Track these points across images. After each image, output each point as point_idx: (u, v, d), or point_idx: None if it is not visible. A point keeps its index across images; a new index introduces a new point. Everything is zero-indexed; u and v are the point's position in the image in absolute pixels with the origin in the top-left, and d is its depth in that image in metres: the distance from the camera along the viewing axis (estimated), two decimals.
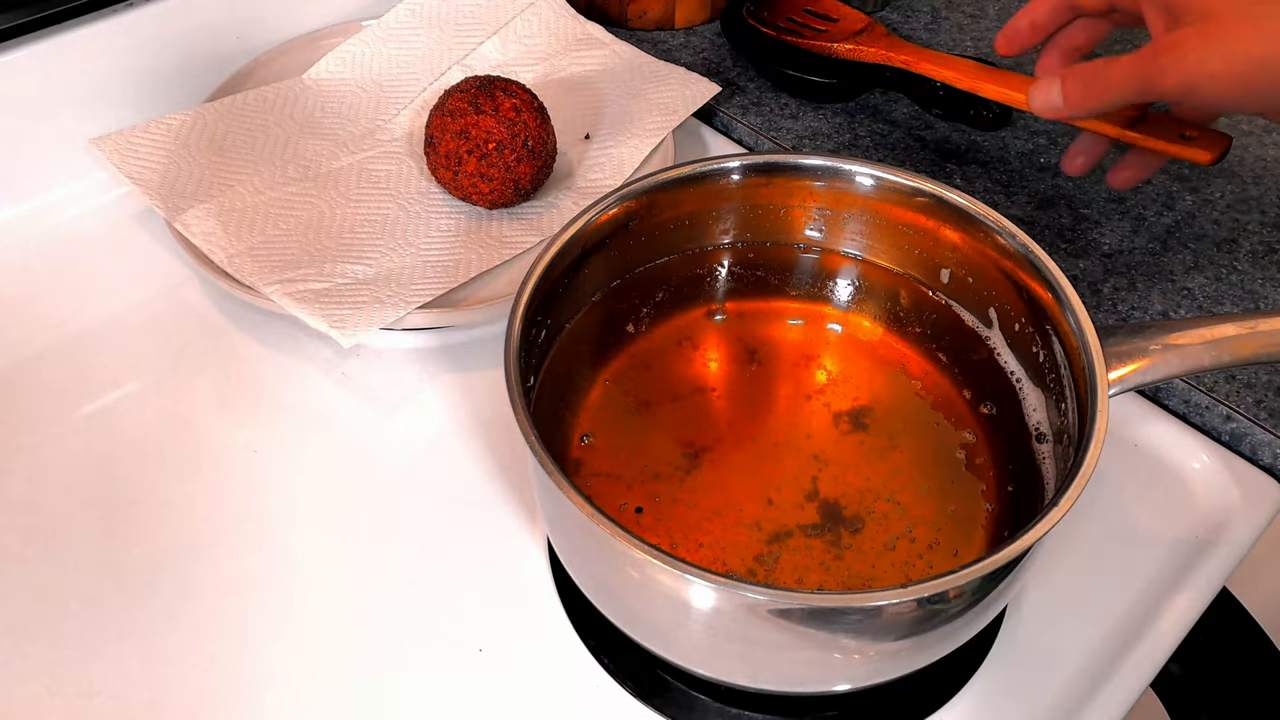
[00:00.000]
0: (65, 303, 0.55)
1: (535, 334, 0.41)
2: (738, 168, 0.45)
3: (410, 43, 0.67)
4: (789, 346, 0.47)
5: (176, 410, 0.51)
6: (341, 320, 0.49)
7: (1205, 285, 0.56)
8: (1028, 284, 0.41)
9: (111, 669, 0.42)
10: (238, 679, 0.42)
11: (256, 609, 0.44)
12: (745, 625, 0.34)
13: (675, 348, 0.46)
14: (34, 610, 0.43)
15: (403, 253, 0.55)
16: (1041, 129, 0.66)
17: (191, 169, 0.58)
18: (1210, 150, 0.50)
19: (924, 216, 0.44)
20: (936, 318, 0.46)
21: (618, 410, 0.44)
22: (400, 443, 0.50)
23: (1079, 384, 0.38)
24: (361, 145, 0.61)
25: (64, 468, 0.48)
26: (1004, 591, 0.36)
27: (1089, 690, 0.42)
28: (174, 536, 0.46)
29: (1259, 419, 0.49)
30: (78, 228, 0.59)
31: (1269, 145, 0.65)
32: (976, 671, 0.43)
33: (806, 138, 0.65)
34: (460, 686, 0.42)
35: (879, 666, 0.37)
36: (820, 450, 0.43)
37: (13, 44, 0.57)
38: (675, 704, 0.41)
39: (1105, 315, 0.55)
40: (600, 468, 0.42)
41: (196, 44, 0.64)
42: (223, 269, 0.53)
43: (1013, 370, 0.43)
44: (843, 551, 0.40)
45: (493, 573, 0.45)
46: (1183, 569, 0.46)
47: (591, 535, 0.34)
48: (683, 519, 0.41)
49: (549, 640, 0.43)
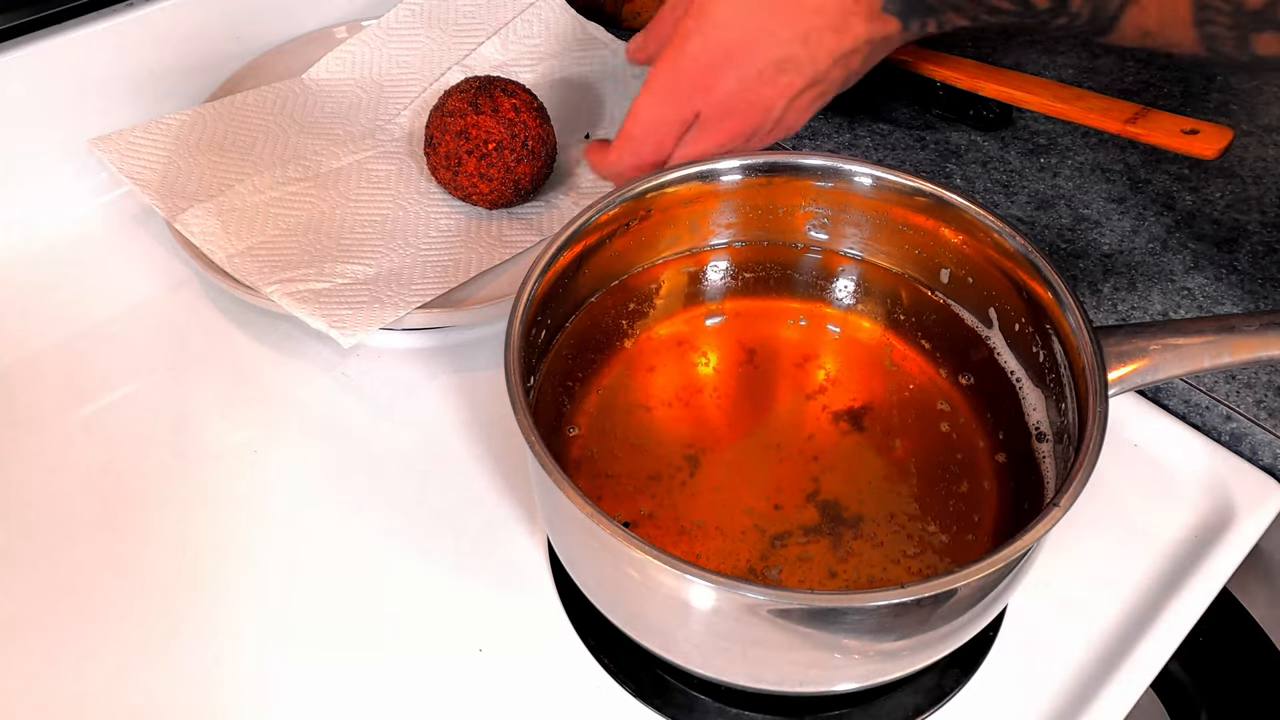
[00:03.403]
0: (65, 303, 0.55)
1: (535, 334, 0.41)
2: (738, 168, 0.45)
3: (410, 43, 0.67)
4: (789, 347, 0.47)
5: (176, 410, 0.51)
6: (341, 320, 0.49)
7: (1205, 285, 0.56)
8: (1028, 284, 0.41)
9: (111, 669, 0.42)
10: (238, 679, 0.42)
11: (256, 609, 0.44)
12: (745, 625, 0.34)
13: (675, 348, 0.46)
14: (33, 610, 0.43)
15: (403, 253, 0.55)
16: (1041, 129, 0.66)
17: (191, 169, 0.58)
18: (1213, 145, 0.50)
19: (924, 216, 0.44)
20: (936, 318, 0.46)
21: (618, 410, 0.44)
22: (400, 443, 0.50)
23: (1079, 384, 0.38)
24: (361, 145, 0.61)
25: (64, 467, 0.48)
26: (1004, 591, 0.36)
27: (1089, 690, 0.42)
28: (174, 536, 0.46)
29: (1259, 419, 0.49)
30: (78, 228, 0.59)
31: (1269, 145, 0.65)
32: (976, 671, 0.43)
33: (806, 138, 0.65)
34: (460, 686, 0.42)
35: (879, 666, 0.37)
36: (820, 451, 0.43)
37: (13, 44, 0.57)
38: (675, 704, 0.41)
39: (1105, 315, 0.55)
40: (600, 468, 0.42)
41: (196, 44, 0.64)
42: (223, 269, 0.53)
43: (1013, 370, 0.43)
44: (843, 552, 0.40)
45: (493, 573, 0.45)
46: (1183, 569, 0.46)
47: (591, 535, 0.34)
48: (683, 519, 0.41)
49: (549, 640, 0.43)
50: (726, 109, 0.45)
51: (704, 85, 0.44)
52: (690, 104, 0.45)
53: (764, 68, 0.44)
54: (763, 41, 0.44)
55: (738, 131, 0.46)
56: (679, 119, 0.45)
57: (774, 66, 0.44)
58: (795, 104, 0.46)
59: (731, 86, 0.44)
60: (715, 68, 0.44)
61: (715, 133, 0.46)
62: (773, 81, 0.45)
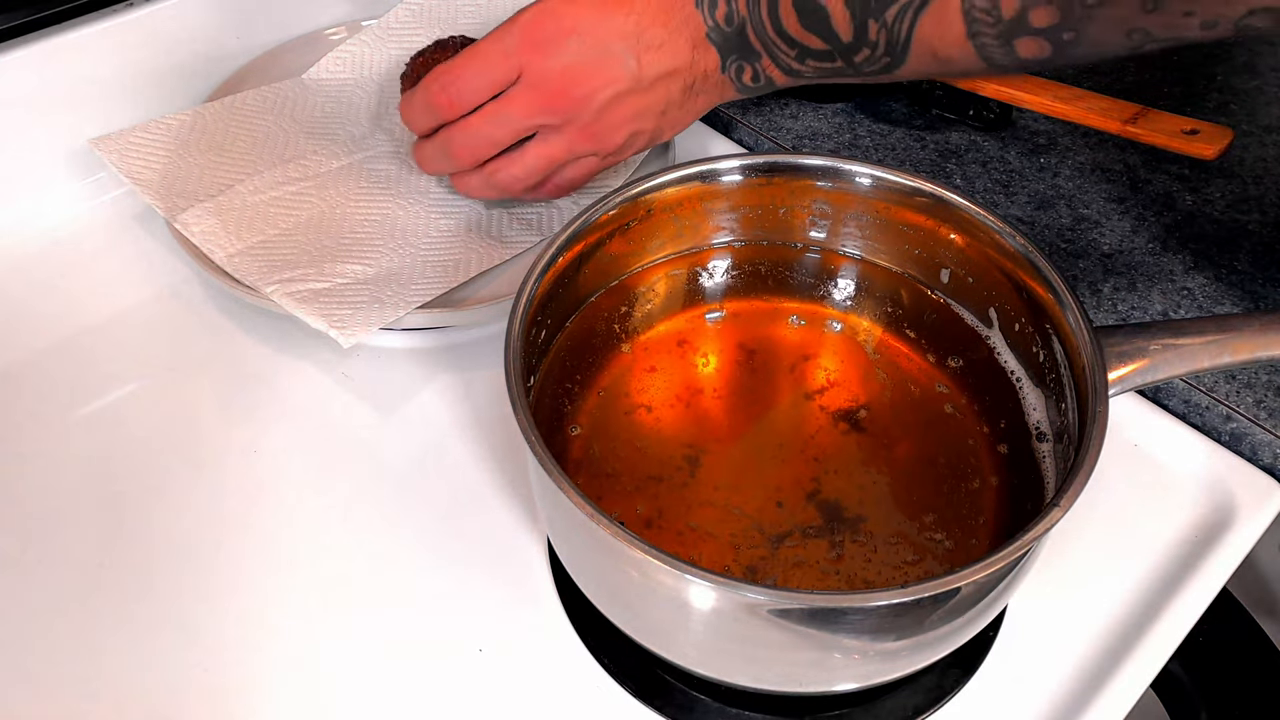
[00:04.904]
0: (65, 302, 0.55)
1: (535, 334, 0.41)
2: (738, 168, 0.45)
3: (410, 43, 0.67)
4: (789, 347, 0.47)
5: (176, 410, 0.51)
6: (341, 320, 0.49)
7: (1205, 285, 0.56)
8: (1028, 284, 0.41)
9: (111, 670, 0.42)
10: (238, 679, 0.42)
11: (256, 608, 0.44)
12: (746, 625, 0.34)
13: (676, 348, 0.46)
14: (33, 611, 0.43)
15: (402, 253, 0.55)
16: (1041, 129, 0.66)
17: (191, 169, 0.58)
18: (1213, 145, 0.50)
19: (924, 216, 0.44)
20: (936, 317, 0.46)
21: (618, 410, 0.44)
22: (400, 443, 0.50)
23: (1079, 384, 0.38)
24: (361, 145, 0.61)
25: (64, 468, 0.48)
26: (1004, 591, 0.36)
27: (1089, 690, 0.42)
28: (174, 536, 0.46)
29: (1259, 419, 0.49)
30: (78, 228, 0.59)
31: (1269, 145, 0.65)
32: (976, 671, 0.43)
33: (806, 138, 0.65)
34: (460, 686, 0.42)
35: (879, 666, 0.37)
36: (821, 452, 0.43)
37: (13, 44, 0.57)
38: (675, 704, 0.41)
39: (1105, 315, 0.55)
40: (600, 468, 0.42)
41: (196, 44, 0.64)
42: (223, 269, 0.53)
43: (1013, 370, 0.43)
44: (844, 552, 0.40)
45: (493, 573, 0.45)
46: (1183, 569, 0.46)
47: (592, 535, 0.34)
48: (683, 519, 0.41)
49: (549, 640, 0.43)
50: (549, 74, 0.47)
51: (537, 47, 0.47)
52: (519, 58, 0.47)
53: (596, 54, 0.47)
54: (601, 31, 0.46)
55: (555, 101, 0.48)
56: (505, 68, 0.48)
57: (605, 56, 0.47)
58: (616, 104, 0.48)
59: (563, 58, 0.47)
60: (552, 37, 0.47)
61: (533, 94, 0.48)
62: (599, 69, 0.47)
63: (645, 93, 0.48)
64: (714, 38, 0.47)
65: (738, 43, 0.47)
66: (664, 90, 0.48)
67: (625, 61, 0.47)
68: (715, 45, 0.47)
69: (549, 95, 0.48)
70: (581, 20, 0.47)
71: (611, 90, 0.48)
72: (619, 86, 0.47)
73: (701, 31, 0.47)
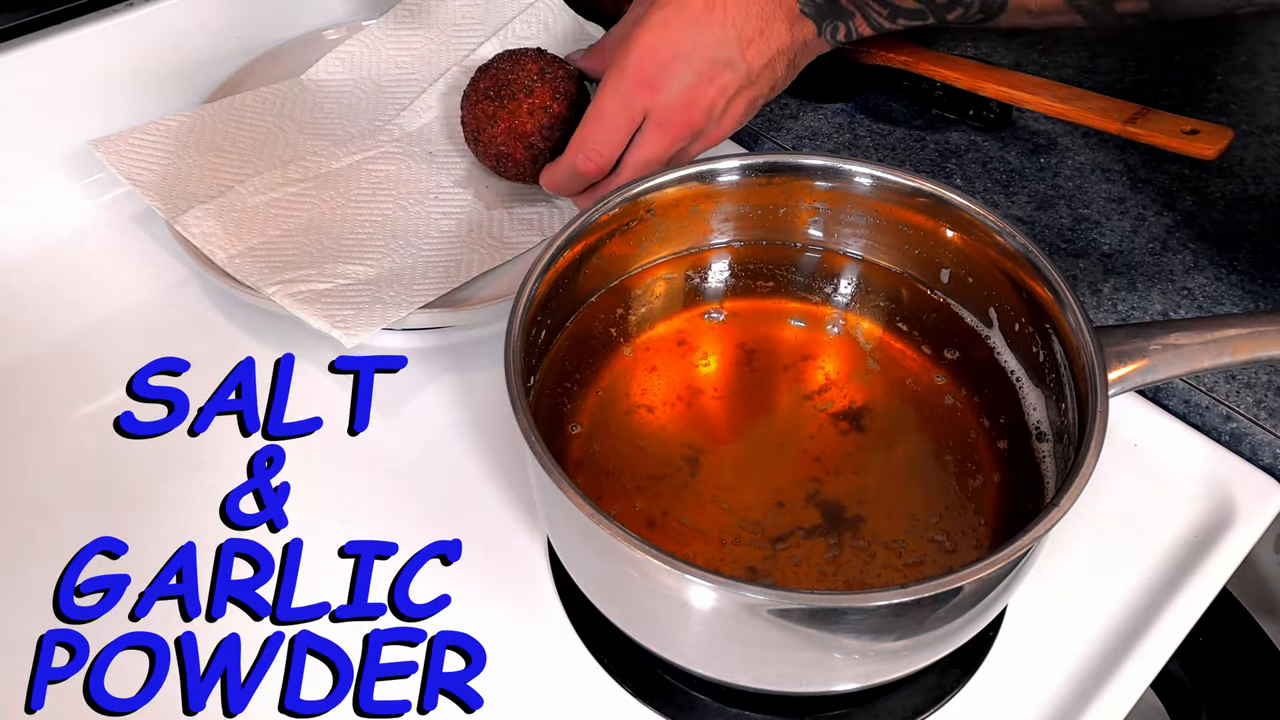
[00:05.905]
0: (65, 302, 0.55)
1: (535, 334, 0.41)
2: (738, 168, 0.45)
3: (410, 43, 0.67)
4: (789, 347, 0.47)
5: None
6: (343, 321, 0.49)
7: (1205, 285, 0.56)
8: (1028, 284, 0.41)
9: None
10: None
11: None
12: (746, 625, 0.34)
13: (676, 348, 0.46)
14: (33, 611, 0.43)
15: (403, 253, 0.55)
16: (1041, 129, 0.66)
17: (191, 170, 0.58)
18: (1213, 145, 0.50)
19: (924, 216, 0.44)
20: (936, 317, 0.46)
21: (618, 410, 0.44)
22: (400, 443, 0.50)
23: (1079, 384, 0.38)
24: (361, 145, 0.61)
25: (64, 467, 0.48)
26: (1004, 591, 0.36)
27: (1089, 690, 0.42)
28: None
29: (1259, 419, 0.49)
30: (78, 228, 0.59)
31: (1269, 145, 0.65)
32: (976, 671, 0.43)
33: (806, 138, 0.65)
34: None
35: (879, 666, 0.37)
36: (821, 452, 0.43)
37: (13, 44, 0.57)
38: (675, 704, 0.41)
39: (1105, 315, 0.55)
40: (600, 468, 0.42)
41: (196, 44, 0.64)
42: (223, 269, 0.53)
43: (1013, 370, 0.43)
44: (843, 552, 0.40)
45: (493, 573, 0.45)
46: (1182, 569, 0.46)
47: (592, 535, 0.34)
48: (683, 519, 0.41)
49: (549, 640, 0.43)
50: (672, 107, 0.50)
51: (652, 86, 0.49)
52: (640, 103, 0.49)
53: (704, 69, 0.49)
54: (702, 46, 0.49)
55: (683, 129, 0.50)
56: (630, 118, 0.50)
57: (713, 68, 0.49)
58: (733, 104, 0.51)
59: (676, 86, 0.49)
60: (662, 70, 0.49)
61: (663, 131, 0.50)
62: (712, 81, 0.50)
63: (755, 84, 0.51)
64: (807, 11, 0.50)
65: (830, 9, 0.50)
66: (771, 74, 0.51)
67: (733, 64, 0.49)
68: (810, 17, 0.50)
69: (678, 126, 0.50)
70: (681, 45, 0.49)
71: (727, 96, 0.50)
72: (733, 89, 0.50)
73: (795, 10, 0.50)
